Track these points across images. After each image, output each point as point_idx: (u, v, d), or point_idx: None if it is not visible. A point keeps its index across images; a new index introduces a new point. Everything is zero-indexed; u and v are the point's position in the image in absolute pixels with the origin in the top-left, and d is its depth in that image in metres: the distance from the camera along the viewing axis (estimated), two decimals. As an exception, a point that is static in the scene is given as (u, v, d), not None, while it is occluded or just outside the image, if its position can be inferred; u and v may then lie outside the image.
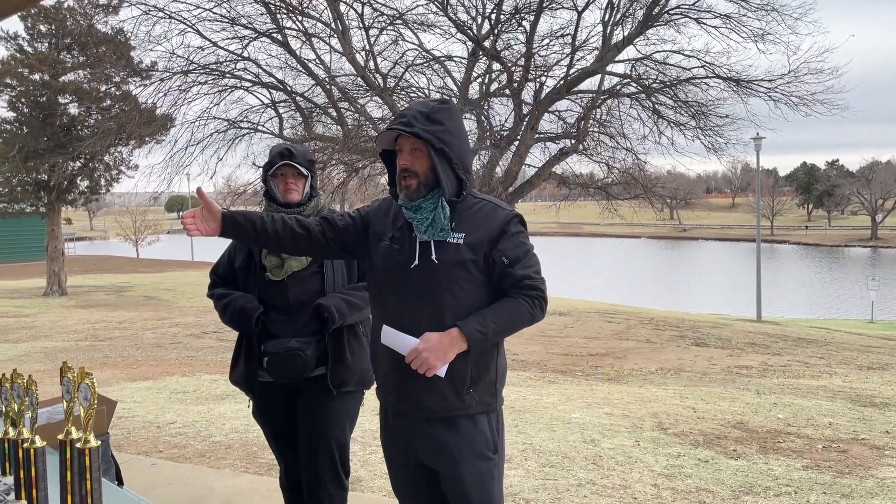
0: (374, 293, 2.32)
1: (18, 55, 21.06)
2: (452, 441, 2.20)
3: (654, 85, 14.21)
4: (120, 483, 3.26)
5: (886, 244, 63.75)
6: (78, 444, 1.69)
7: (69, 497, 1.71)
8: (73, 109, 21.65)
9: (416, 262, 2.17)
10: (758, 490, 4.13)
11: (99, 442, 1.71)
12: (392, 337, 2.18)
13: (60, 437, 1.72)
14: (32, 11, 20.48)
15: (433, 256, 2.16)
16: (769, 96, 13.85)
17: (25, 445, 1.85)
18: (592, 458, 4.69)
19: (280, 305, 2.89)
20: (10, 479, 1.99)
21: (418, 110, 2.20)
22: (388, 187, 2.37)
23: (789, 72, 13.57)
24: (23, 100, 21.08)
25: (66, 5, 20.73)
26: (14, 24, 21.36)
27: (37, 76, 21.10)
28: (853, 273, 44.92)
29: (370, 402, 6.49)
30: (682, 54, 14.15)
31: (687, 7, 13.72)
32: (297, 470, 3.01)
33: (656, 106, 14.37)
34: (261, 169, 3.13)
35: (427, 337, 2.10)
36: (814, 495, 4.05)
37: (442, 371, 2.12)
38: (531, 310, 2.17)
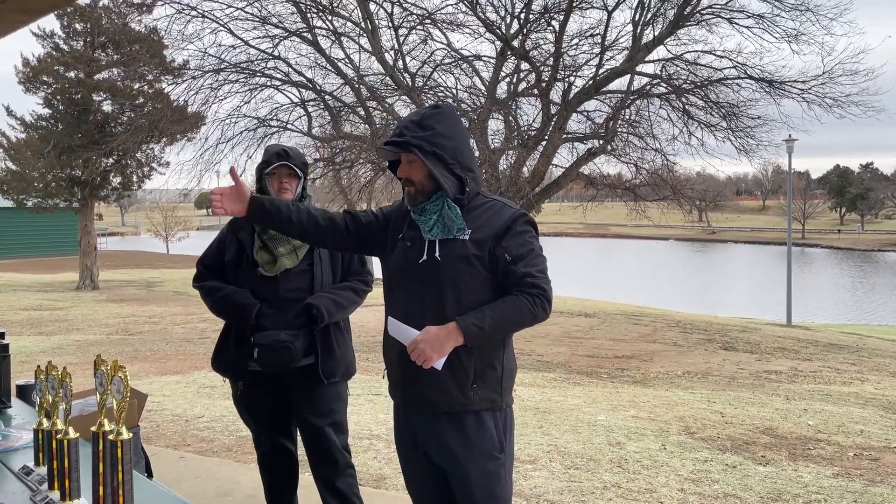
0: (386, 288, 2.39)
1: (54, 53, 21.47)
2: (458, 440, 2.22)
3: (685, 85, 14.06)
4: (150, 475, 3.32)
5: (922, 249, 62.34)
6: (110, 436, 1.71)
7: (101, 488, 1.73)
8: (107, 107, 22.01)
9: (425, 257, 2.24)
10: (787, 497, 4.06)
11: (131, 434, 1.73)
12: (397, 328, 2.25)
13: (93, 428, 1.75)
14: (68, 10, 20.87)
15: (436, 253, 2.22)
16: (802, 97, 13.63)
17: (59, 436, 1.89)
18: (618, 461, 4.65)
19: (270, 300, 3.01)
20: (43, 470, 2.03)
21: (410, 119, 2.29)
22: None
23: (823, 73, 13.35)
24: (58, 97, 21.49)
25: (101, 4, 21.11)
26: (50, 22, 21.79)
27: (72, 74, 21.49)
28: (886, 278, 44.02)
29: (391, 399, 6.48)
30: (714, 54, 14.00)
31: (719, 7, 13.56)
32: (284, 450, 3.23)
33: (686, 107, 14.21)
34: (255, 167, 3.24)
35: (427, 329, 2.15)
36: (844, 503, 3.98)
37: (439, 364, 2.16)
38: (532, 308, 2.17)
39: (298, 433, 3.25)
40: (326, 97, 14.72)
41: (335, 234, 2.39)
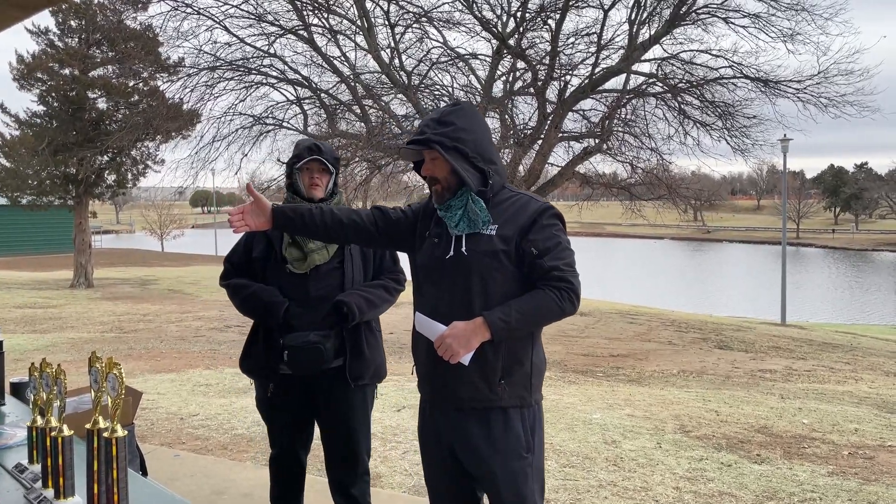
0: (415, 285, 2.38)
1: (49, 50, 21.39)
2: (484, 438, 2.21)
3: (681, 84, 14.06)
4: (144, 473, 3.30)
5: (916, 249, 62.59)
6: (105, 434, 1.70)
7: (95, 486, 1.72)
8: (102, 104, 21.94)
9: (451, 252, 2.23)
10: (782, 496, 4.07)
11: (126, 432, 1.72)
12: (424, 323, 2.24)
13: (88, 426, 1.74)
14: (63, 7, 20.79)
15: (462, 248, 2.21)
16: (798, 97, 13.64)
17: (53, 434, 1.88)
18: (613, 459, 4.66)
19: (300, 298, 2.92)
20: (37, 467, 2.02)
21: (430, 118, 2.29)
22: (407, 186, 2.44)
23: (819, 72, 13.34)
24: (53, 94, 21.41)
25: (96, 1, 21.02)
26: (45, 19, 21.68)
27: (67, 71, 21.42)
28: (881, 277, 44.18)
29: (390, 397, 6.49)
30: (710, 54, 13.98)
31: (715, 6, 13.55)
32: (296, 455, 3.15)
33: (682, 106, 14.21)
34: (284, 164, 3.18)
35: (454, 325, 2.14)
36: (839, 502, 3.99)
37: (466, 359, 2.14)
38: (559, 302, 2.15)
39: (311, 438, 3.20)
40: (322, 95, 14.69)
41: (362, 231, 2.39)
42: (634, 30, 13.79)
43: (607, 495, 3.99)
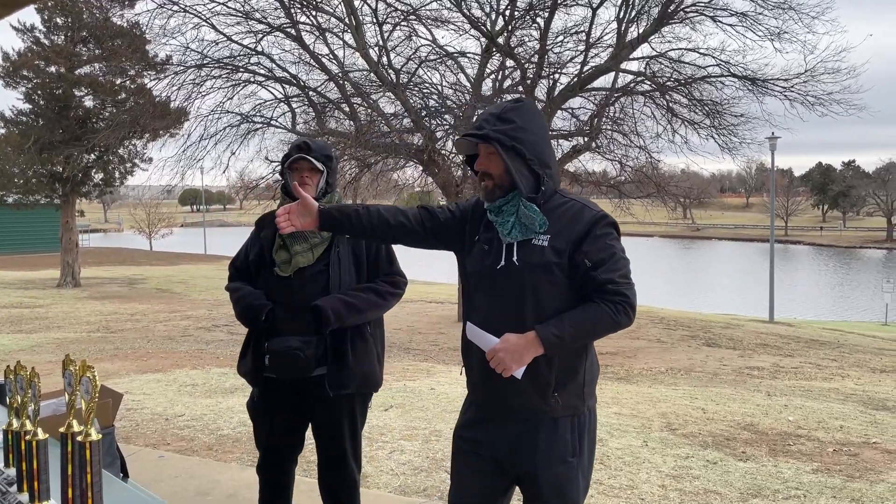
0: (466, 291, 2.33)
1: (35, 47, 21.20)
2: (531, 445, 2.18)
3: (669, 83, 14.11)
4: (125, 476, 3.27)
5: (902, 246, 63.08)
6: (79, 438, 1.68)
7: (70, 490, 1.70)
8: (89, 102, 21.76)
9: (503, 262, 2.17)
10: (766, 493, 4.09)
11: (100, 436, 1.70)
12: (475, 334, 2.20)
13: (62, 429, 1.72)
14: (49, 4, 20.61)
15: (514, 258, 2.15)
16: (785, 95, 13.71)
17: (28, 437, 1.85)
18: (600, 457, 4.66)
19: (285, 302, 2.87)
20: (12, 471, 2.00)
21: (490, 112, 2.21)
22: (397, 184, 2.39)
23: (806, 71, 13.43)
24: (39, 92, 21.22)
25: (82, -2, 20.86)
26: (31, 16, 21.55)
27: (53, 69, 21.22)
28: (868, 275, 44.50)
29: (378, 397, 6.47)
30: (698, 52, 14.04)
31: (703, 5, 13.60)
32: (285, 459, 3.11)
33: (670, 104, 14.26)
34: (272, 163, 3.14)
35: (506, 338, 2.09)
36: (823, 499, 4.01)
37: (519, 373, 2.09)
38: (614, 315, 2.08)
39: (302, 444, 3.16)
40: (310, 93, 14.64)
41: (409, 233, 2.34)
42: (623, 28, 13.83)
43: (593, 493, 3.99)
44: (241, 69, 14.27)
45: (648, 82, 14.33)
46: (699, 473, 4.40)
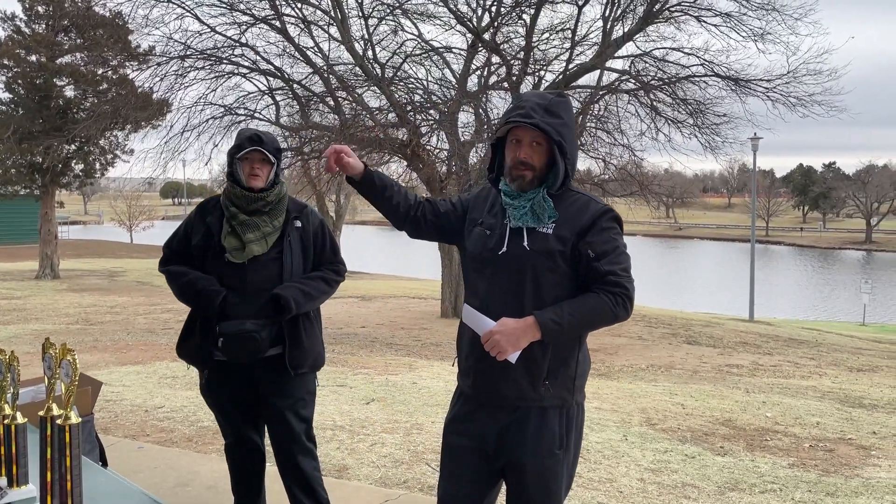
0: (466, 276, 2.34)
1: (16, 36, 20.91)
2: (518, 434, 2.19)
3: (653, 82, 14.19)
4: (104, 464, 3.26)
5: (881, 247, 63.97)
6: (58, 421, 1.67)
7: (49, 473, 1.69)
8: (70, 92, 21.51)
9: (505, 248, 2.18)
10: (743, 486, 4.14)
11: (79, 419, 1.70)
12: (472, 316, 2.20)
13: (41, 412, 1.71)
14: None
15: (524, 242, 2.16)
16: (767, 96, 13.85)
17: (6, 422, 1.84)
18: (580, 451, 4.69)
19: (237, 288, 2.94)
20: (-10, 456, 1.98)
21: (536, 102, 2.19)
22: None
23: (788, 72, 13.57)
24: (19, 81, 20.94)
25: (64, -13, 20.59)
26: (12, 4, 21.23)
27: (34, 58, 20.95)
28: (847, 275, 45.07)
29: (360, 390, 6.45)
30: (682, 52, 14.15)
31: (688, 4, 13.71)
32: (249, 441, 3.19)
33: (654, 103, 14.35)
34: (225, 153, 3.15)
35: (503, 321, 2.10)
36: (799, 493, 4.06)
37: (513, 357, 2.10)
38: (613, 307, 2.11)
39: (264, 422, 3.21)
40: (295, 86, 14.56)
41: (414, 220, 2.37)
42: (608, 26, 13.89)
43: (573, 486, 4.02)
44: (225, 61, 14.16)
45: (633, 81, 14.41)
46: (677, 467, 4.45)
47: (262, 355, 2.94)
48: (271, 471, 3.34)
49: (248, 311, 2.90)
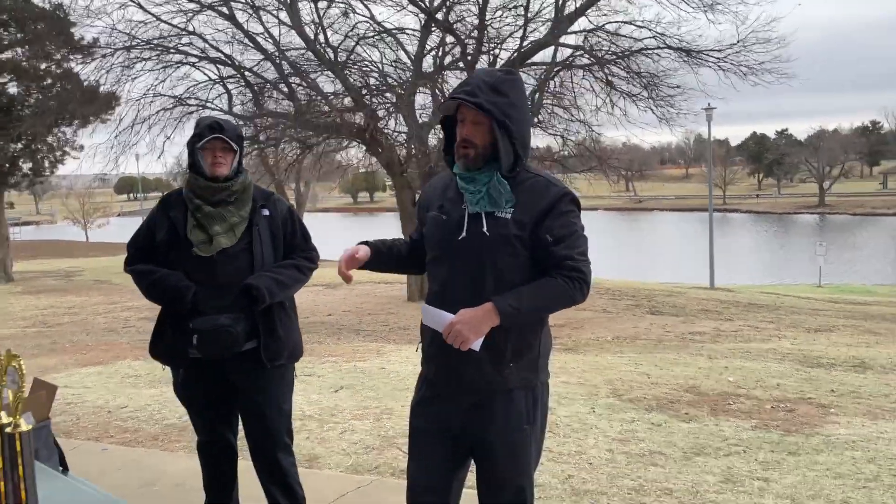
0: (427, 264, 2.32)
1: (-49, 32, 20.14)
2: (485, 415, 2.19)
3: (607, 56, 14.26)
4: (65, 469, 3.18)
5: (833, 210, 65.69)
6: (7, 430, 1.62)
7: (1, 483, 1.64)
8: (12, 89, 20.82)
9: (464, 233, 2.16)
10: (708, 451, 4.22)
11: (29, 426, 1.64)
12: (431, 315, 2.19)
13: (-12, 423, 1.65)
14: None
15: (484, 228, 2.14)
16: (719, 66, 14.02)
17: (-47, 433, 1.77)
18: (549, 426, 4.71)
19: (207, 282, 2.85)
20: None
21: (483, 80, 2.16)
22: (340, 164, 2.35)
23: (738, 41, 13.74)
24: (-42, 79, 20.21)
25: (-1, -20, 19.85)
26: (-55, -1, 20.36)
27: (-28, 54, 20.22)
28: (802, 239, 46.21)
29: (328, 378, 6.43)
30: (634, 25, 14.24)
31: (638, -24, 13.77)
32: (222, 439, 3.12)
33: (609, 77, 14.43)
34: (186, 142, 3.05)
35: (462, 312, 2.09)
36: (762, 454, 4.16)
37: (477, 345, 2.09)
38: (570, 291, 2.12)
39: (238, 421, 3.14)
40: (246, 73, 14.31)
41: (420, 257, 2.37)
42: (561, 2, 13.89)
43: (543, 461, 4.05)
44: (173, 50, 13.86)
45: (587, 56, 14.46)
46: (644, 436, 4.52)
47: (239, 349, 2.86)
48: (242, 464, 3.30)
49: (221, 306, 2.82)
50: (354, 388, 5.99)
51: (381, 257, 2.35)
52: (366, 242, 2.35)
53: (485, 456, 2.25)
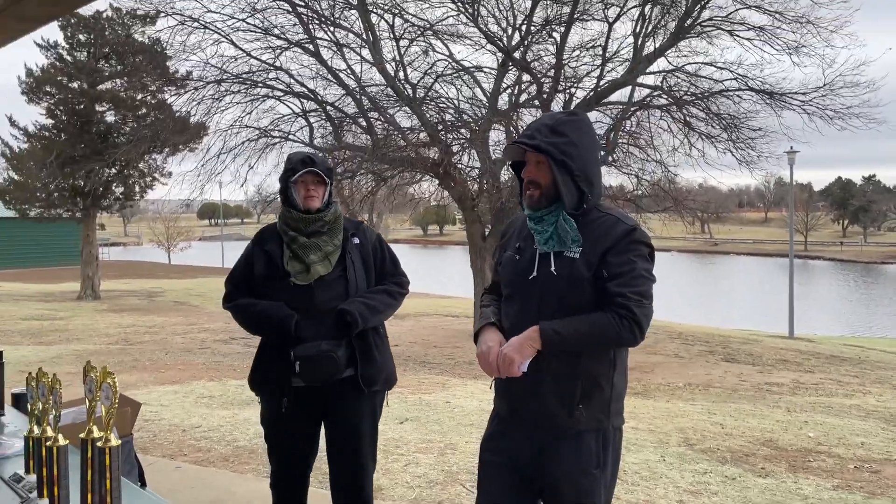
0: (502, 302, 2.34)
1: (58, 63, 21.59)
2: (554, 457, 2.17)
3: (686, 97, 14.08)
4: (143, 484, 3.30)
5: (924, 261, 62.21)
6: (99, 444, 1.70)
7: (89, 496, 1.72)
8: (110, 117, 22.10)
9: (535, 273, 2.19)
10: (786, 509, 4.03)
11: (119, 441, 1.72)
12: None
13: (82, 435, 1.74)
14: (72, 21, 20.99)
15: (552, 268, 2.16)
16: (803, 109, 13.63)
17: (49, 444, 1.87)
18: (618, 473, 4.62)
19: (306, 310, 2.90)
20: (33, 478, 2.02)
21: (543, 123, 2.23)
22: (413, 197, 2.40)
23: (824, 85, 13.34)
24: (61, 107, 21.59)
25: (104, 15, 21.23)
26: (54, 32, 21.91)
27: (75, 84, 21.59)
28: (889, 290, 43.91)
29: (394, 409, 6.46)
30: (715, 66, 14.03)
31: (720, 19, 13.60)
32: (303, 470, 3.11)
33: (687, 118, 14.22)
34: (279, 176, 3.15)
35: (509, 340, 2.14)
36: (844, 516, 3.95)
37: (523, 367, 2.11)
38: (618, 329, 2.08)
39: (320, 446, 3.14)
40: (328, 108, 14.76)
41: None
42: (639, 42, 13.84)
43: (610, 508, 3.96)
44: (260, 84, 14.44)
45: (665, 96, 14.32)
46: (717, 489, 4.36)
47: (340, 375, 2.89)
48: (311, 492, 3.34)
49: (320, 332, 2.87)
50: (419, 421, 5.99)
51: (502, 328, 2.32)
52: (491, 323, 2.31)
53: (552, 499, 2.21)
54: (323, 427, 3.09)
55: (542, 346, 2.09)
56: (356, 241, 3.05)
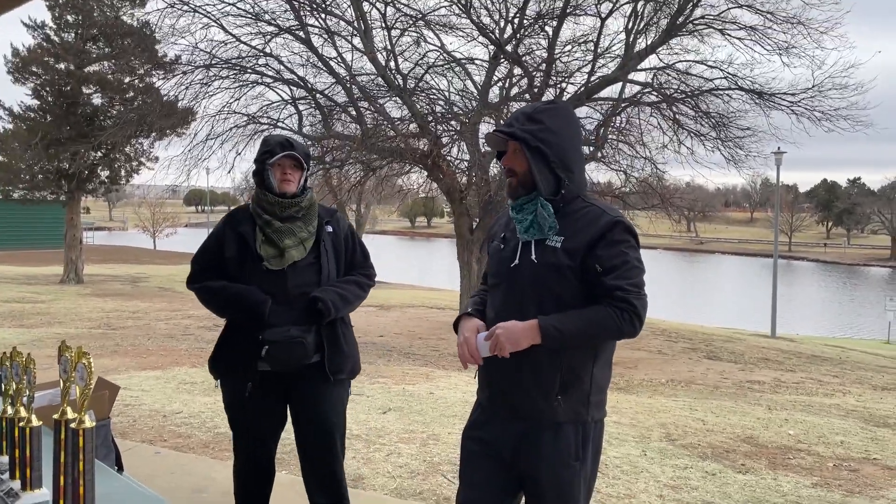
0: (489, 291, 2.35)
1: (45, 44, 21.31)
2: (534, 447, 2.17)
3: (676, 94, 14.10)
4: (120, 469, 3.26)
5: (906, 265, 62.87)
6: (72, 425, 1.67)
7: (62, 478, 1.69)
8: (97, 100, 21.87)
9: (517, 261, 2.19)
10: (765, 506, 4.05)
11: (93, 423, 1.69)
12: (480, 343, 2.18)
13: (55, 416, 1.71)
14: (60, 1, 20.72)
15: (533, 256, 2.16)
16: (792, 110, 13.68)
17: (21, 424, 1.84)
18: (598, 466, 4.62)
19: (278, 295, 2.87)
20: (5, 459, 1.98)
21: (521, 111, 2.25)
22: (402, 188, 2.39)
23: (813, 86, 13.39)
24: (47, 88, 21.33)
25: (93, -3, 20.98)
26: (42, 12, 21.64)
27: (62, 65, 21.33)
28: (871, 292, 44.36)
29: (377, 399, 6.44)
30: (705, 65, 14.04)
31: (712, 18, 13.61)
32: (268, 458, 3.11)
33: (677, 115, 14.25)
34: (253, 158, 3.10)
35: (510, 322, 2.11)
36: (822, 514, 3.97)
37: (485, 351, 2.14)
38: (618, 322, 2.08)
39: (282, 431, 3.13)
40: (317, 96, 14.66)
41: None
42: (631, 39, 13.84)
43: (591, 502, 3.96)
44: (249, 70, 14.31)
45: (655, 93, 14.33)
46: (697, 484, 4.37)
47: (308, 361, 2.87)
48: (282, 477, 3.32)
49: (290, 318, 2.85)
50: (402, 412, 5.98)
51: (483, 317, 2.33)
52: (468, 314, 2.33)
53: (533, 491, 2.21)
54: (290, 415, 3.06)
55: (542, 342, 2.08)
56: (329, 229, 3.04)
